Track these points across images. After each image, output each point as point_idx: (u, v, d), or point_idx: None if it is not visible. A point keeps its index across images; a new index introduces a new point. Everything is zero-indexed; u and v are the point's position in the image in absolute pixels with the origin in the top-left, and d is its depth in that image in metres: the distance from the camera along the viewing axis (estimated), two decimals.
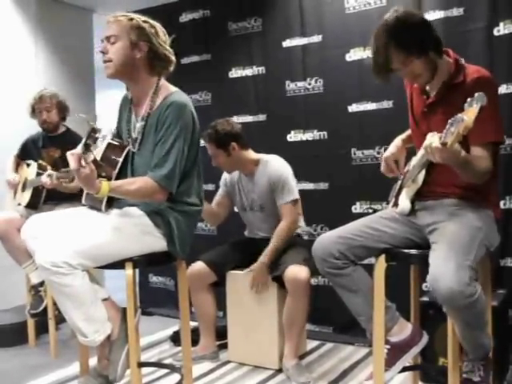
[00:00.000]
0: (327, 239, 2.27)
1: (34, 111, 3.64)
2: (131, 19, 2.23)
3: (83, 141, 2.01)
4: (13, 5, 4.43)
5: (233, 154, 3.21)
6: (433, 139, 1.85)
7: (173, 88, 2.34)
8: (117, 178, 2.27)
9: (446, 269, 1.89)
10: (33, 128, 3.76)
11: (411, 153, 2.40)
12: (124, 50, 2.21)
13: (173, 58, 2.33)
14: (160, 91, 2.29)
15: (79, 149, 2.00)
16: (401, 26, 2.08)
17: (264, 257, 3.11)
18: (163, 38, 2.29)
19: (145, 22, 2.25)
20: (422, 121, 2.27)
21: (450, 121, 1.77)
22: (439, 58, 2.15)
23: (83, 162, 1.98)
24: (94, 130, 2.01)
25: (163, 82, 2.34)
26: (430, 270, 1.95)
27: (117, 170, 2.29)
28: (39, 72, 4.59)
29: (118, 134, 2.48)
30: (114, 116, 2.53)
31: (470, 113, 1.73)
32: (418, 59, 2.09)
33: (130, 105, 2.40)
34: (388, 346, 2.25)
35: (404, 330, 2.27)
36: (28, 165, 3.64)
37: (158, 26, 2.30)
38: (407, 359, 2.27)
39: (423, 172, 2.22)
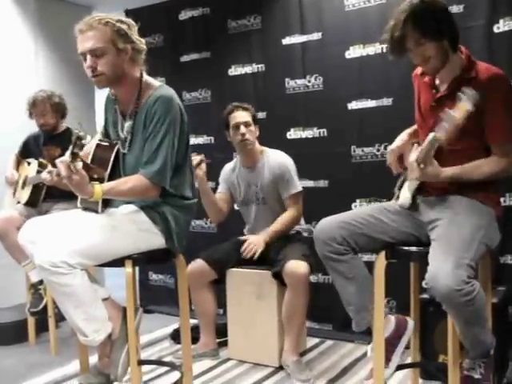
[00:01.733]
0: (331, 223, 2.27)
1: (31, 114, 3.64)
2: (106, 23, 2.13)
3: (70, 150, 1.99)
4: (12, 3, 4.42)
5: (255, 133, 3.28)
6: (412, 157, 1.93)
7: (157, 82, 2.31)
8: (109, 179, 2.25)
9: (444, 267, 1.90)
10: (33, 127, 3.76)
11: None
12: (114, 61, 2.16)
13: (145, 46, 2.26)
14: (145, 88, 2.26)
15: (67, 157, 1.99)
16: (424, 7, 2.12)
17: (266, 233, 3.17)
18: (135, 30, 2.22)
19: (118, 21, 2.16)
20: (429, 115, 2.26)
21: (443, 115, 1.86)
22: (453, 52, 2.17)
23: (73, 169, 1.97)
24: (79, 138, 1.99)
25: (146, 77, 2.30)
26: (428, 268, 1.95)
27: (108, 170, 2.27)
28: (39, 70, 4.59)
29: (106, 134, 2.46)
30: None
31: (460, 109, 1.80)
32: (430, 42, 2.11)
33: (114, 105, 2.37)
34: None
35: (388, 323, 2.28)
36: (29, 163, 3.64)
37: (128, 20, 2.22)
38: (400, 351, 2.28)
39: None
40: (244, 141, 3.24)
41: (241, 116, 3.25)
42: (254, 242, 3.15)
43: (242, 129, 3.23)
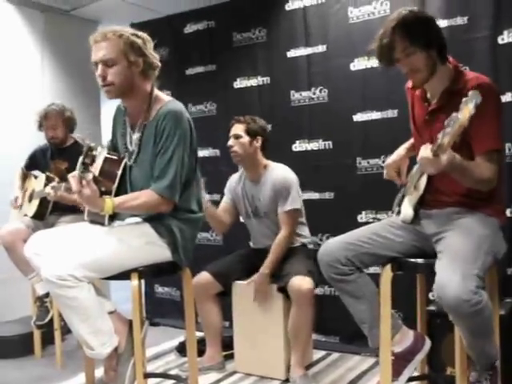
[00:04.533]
0: (334, 245, 2.27)
1: (41, 126, 3.66)
2: (121, 35, 2.18)
3: (80, 160, 2.01)
4: (19, 16, 4.47)
5: (253, 146, 3.24)
6: (425, 152, 1.88)
7: (166, 97, 2.33)
8: (116, 192, 2.27)
9: (452, 277, 1.89)
10: (39, 140, 3.78)
11: (414, 162, 2.40)
12: (124, 72, 2.19)
13: (159, 63, 2.31)
14: (154, 102, 2.29)
15: (78, 167, 2.01)
16: (413, 16, 2.14)
17: (265, 268, 3.12)
18: (150, 46, 2.27)
19: (133, 35, 2.21)
20: (424, 129, 2.27)
21: (446, 122, 1.82)
22: (441, 63, 2.17)
23: (84, 182, 2.01)
24: (90, 149, 2.02)
25: (156, 91, 2.33)
26: (436, 278, 1.94)
27: (116, 183, 2.29)
28: (45, 83, 4.62)
29: (113, 147, 2.48)
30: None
31: (464, 111, 1.77)
32: (420, 52, 2.11)
33: (124, 117, 2.40)
34: (392, 357, 2.24)
35: (406, 338, 2.27)
36: (35, 176, 3.66)
37: (144, 35, 2.27)
38: (413, 367, 2.26)
39: (424, 178, 2.23)
40: (231, 153, 3.26)
41: (233, 129, 3.27)
42: (261, 289, 3.12)
43: (230, 141, 3.25)
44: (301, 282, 2.93)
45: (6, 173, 3.83)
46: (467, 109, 1.76)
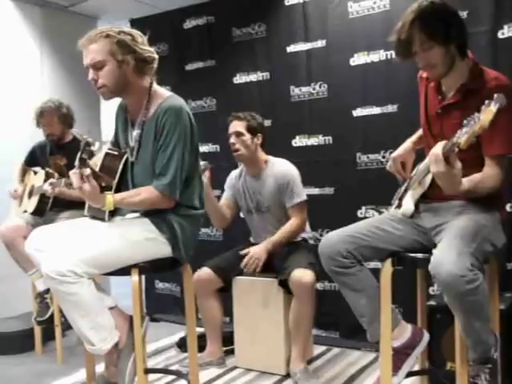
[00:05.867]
0: (335, 237, 2.26)
1: (39, 124, 3.66)
2: (107, 36, 2.16)
3: (78, 155, 2.02)
4: (18, 12, 4.45)
5: (254, 143, 3.25)
6: (437, 148, 1.86)
7: (166, 92, 2.32)
8: (117, 187, 2.27)
9: (447, 255, 1.89)
10: (39, 136, 3.77)
11: (420, 155, 2.40)
12: (114, 72, 2.18)
13: (155, 55, 2.27)
14: (154, 97, 2.28)
15: (76, 163, 2.03)
16: (433, 9, 2.08)
17: (267, 243, 3.13)
18: (141, 41, 2.23)
19: (120, 33, 2.17)
20: (435, 122, 2.24)
21: (465, 121, 1.77)
22: (460, 58, 2.14)
23: (85, 179, 2.02)
24: (87, 144, 2.03)
25: (156, 87, 2.31)
26: (432, 257, 1.94)
27: (116, 179, 2.29)
28: (44, 79, 4.61)
29: (116, 143, 2.48)
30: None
31: (486, 113, 1.72)
32: (438, 47, 2.07)
33: (125, 113, 2.39)
34: (391, 352, 2.24)
35: (404, 332, 2.26)
36: (35, 172, 3.65)
37: (133, 31, 2.25)
38: (412, 361, 2.26)
39: (430, 175, 2.21)
40: (234, 151, 3.27)
41: (233, 126, 3.27)
42: (256, 255, 3.11)
43: (231, 139, 3.26)
44: (302, 275, 2.93)
45: (7, 169, 3.82)
46: (490, 111, 1.71)
